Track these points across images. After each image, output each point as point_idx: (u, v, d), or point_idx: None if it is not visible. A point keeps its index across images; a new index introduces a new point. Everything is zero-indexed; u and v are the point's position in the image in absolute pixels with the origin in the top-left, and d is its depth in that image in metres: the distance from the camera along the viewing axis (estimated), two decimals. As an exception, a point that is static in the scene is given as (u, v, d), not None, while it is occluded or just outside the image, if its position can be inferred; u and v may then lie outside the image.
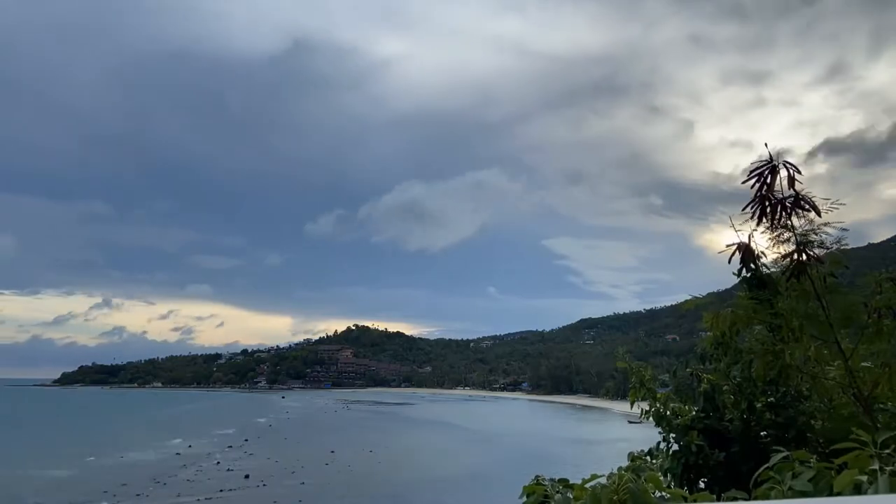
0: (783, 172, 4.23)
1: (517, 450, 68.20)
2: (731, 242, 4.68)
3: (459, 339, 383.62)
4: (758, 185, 4.29)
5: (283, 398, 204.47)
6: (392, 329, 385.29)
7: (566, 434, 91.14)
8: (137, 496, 43.17)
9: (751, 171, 4.30)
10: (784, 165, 4.24)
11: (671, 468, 5.12)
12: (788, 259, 4.28)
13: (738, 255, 4.68)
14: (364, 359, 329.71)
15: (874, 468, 2.23)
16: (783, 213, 4.25)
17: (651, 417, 5.55)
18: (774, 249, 4.41)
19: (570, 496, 3.00)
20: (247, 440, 77.00)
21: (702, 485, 5.08)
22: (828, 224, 4.17)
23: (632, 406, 5.93)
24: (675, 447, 5.23)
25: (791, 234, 4.27)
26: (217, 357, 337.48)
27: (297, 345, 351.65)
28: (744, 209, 4.40)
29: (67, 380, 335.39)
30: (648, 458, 5.19)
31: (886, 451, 2.34)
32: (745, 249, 4.64)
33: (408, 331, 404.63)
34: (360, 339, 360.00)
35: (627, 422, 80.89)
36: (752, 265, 4.64)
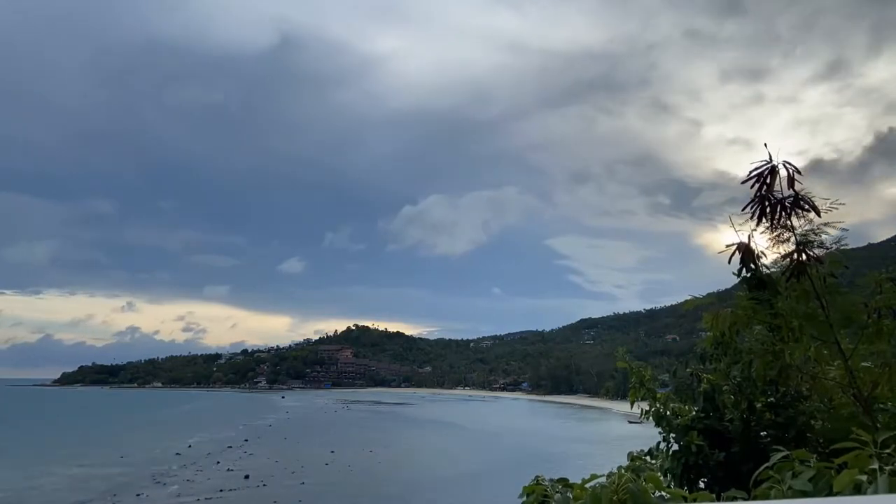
0: (783, 172, 4.22)
1: (517, 449, 68.17)
2: (731, 242, 4.67)
3: (459, 339, 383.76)
4: (757, 186, 4.29)
5: (283, 398, 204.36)
6: (392, 329, 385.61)
7: (566, 434, 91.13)
8: (137, 496, 43.17)
9: (750, 171, 4.30)
10: (784, 165, 4.24)
11: (671, 468, 5.12)
12: (788, 259, 4.28)
13: (738, 256, 4.67)
14: (364, 359, 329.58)
15: (874, 468, 2.23)
16: (783, 214, 4.24)
17: (651, 417, 5.56)
18: (774, 249, 4.41)
19: (570, 496, 3.00)
20: (247, 440, 76.97)
21: (702, 485, 5.08)
22: (828, 224, 4.17)
23: (632, 406, 5.93)
24: (675, 447, 5.23)
25: (791, 234, 4.27)
26: (217, 357, 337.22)
27: (297, 345, 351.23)
28: (743, 209, 4.39)
29: (67, 380, 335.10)
30: (648, 458, 5.19)
31: (886, 452, 2.34)
32: (745, 249, 4.63)
33: (408, 331, 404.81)
34: (360, 339, 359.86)
35: (627, 422, 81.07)
36: (752, 265, 4.64)
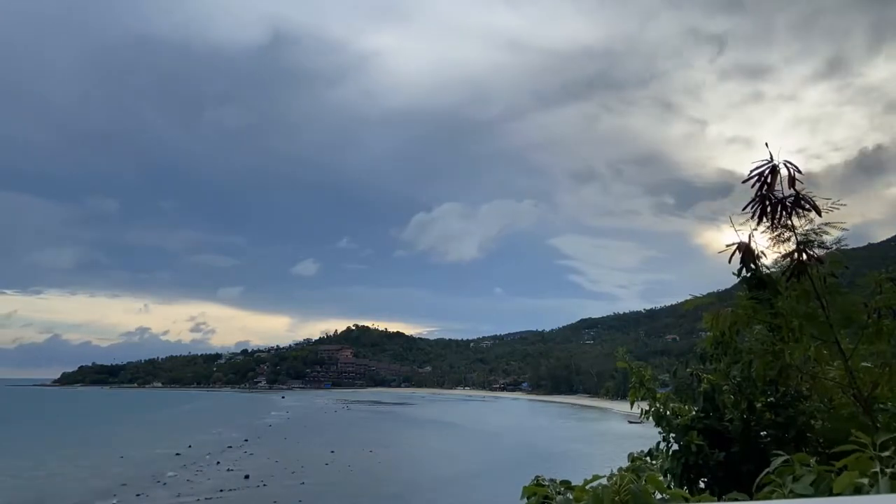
0: (783, 172, 4.21)
1: (517, 449, 68.18)
2: (731, 242, 4.65)
3: (459, 339, 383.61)
4: (758, 185, 4.28)
5: (283, 398, 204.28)
6: (392, 329, 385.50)
7: (566, 434, 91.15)
8: (137, 496, 43.16)
9: (751, 171, 4.29)
10: (784, 165, 4.22)
11: (671, 468, 5.10)
12: (788, 259, 4.27)
13: (738, 256, 4.66)
14: (364, 359, 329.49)
15: (875, 470, 2.21)
16: (783, 213, 4.23)
17: (651, 417, 5.54)
18: (775, 249, 4.39)
19: (571, 497, 2.99)
20: (247, 440, 76.96)
21: (702, 485, 5.07)
22: (828, 224, 4.16)
23: (632, 406, 5.91)
24: (675, 447, 5.22)
25: (791, 234, 4.26)
26: (217, 357, 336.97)
27: (297, 345, 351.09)
28: (744, 209, 4.38)
29: (67, 380, 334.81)
30: (648, 459, 5.18)
31: (886, 453, 2.33)
32: (745, 249, 4.61)
33: (408, 331, 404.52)
34: (360, 339, 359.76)
35: (627, 422, 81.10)
36: (752, 265, 4.62)
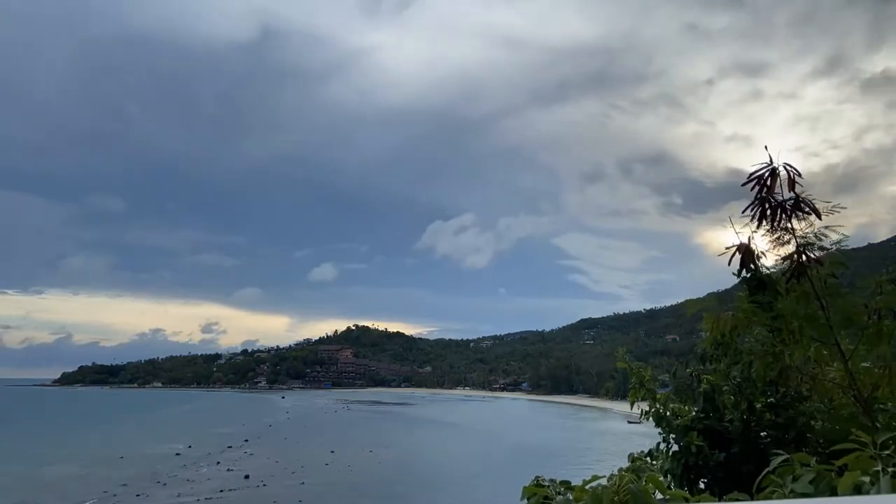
0: (783, 174, 4.21)
1: (517, 449, 68.19)
2: (731, 244, 4.65)
3: (459, 339, 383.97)
4: (757, 188, 4.28)
5: (283, 398, 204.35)
6: (392, 329, 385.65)
7: (566, 434, 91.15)
8: (137, 496, 43.19)
9: (750, 174, 4.29)
10: (784, 167, 4.23)
11: (671, 469, 5.11)
12: (788, 261, 4.27)
13: (738, 257, 4.66)
14: (364, 359, 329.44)
15: (876, 470, 2.23)
16: (783, 216, 4.24)
17: (651, 418, 5.55)
18: (775, 252, 4.39)
19: (571, 497, 3.00)
20: (247, 440, 76.97)
21: (702, 485, 5.08)
22: (828, 227, 4.16)
23: (632, 406, 5.92)
24: (675, 448, 5.23)
25: (791, 236, 4.26)
26: (217, 357, 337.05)
27: (297, 345, 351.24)
28: (744, 212, 4.38)
29: (67, 380, 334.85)
30: (648, 459, 5.19)
31: (886, 453, 2.34)
32: (745, 251, 4.62)
33: (408, 331, 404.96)
34: (360, 339, 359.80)
35: (627, 422, 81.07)
36: (752, 266, 4.63)
